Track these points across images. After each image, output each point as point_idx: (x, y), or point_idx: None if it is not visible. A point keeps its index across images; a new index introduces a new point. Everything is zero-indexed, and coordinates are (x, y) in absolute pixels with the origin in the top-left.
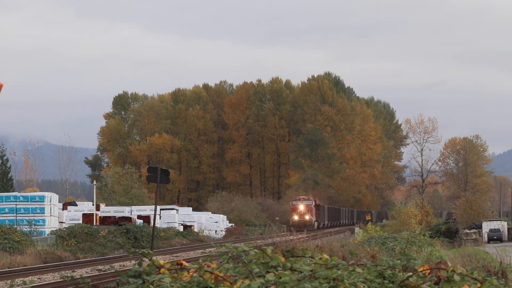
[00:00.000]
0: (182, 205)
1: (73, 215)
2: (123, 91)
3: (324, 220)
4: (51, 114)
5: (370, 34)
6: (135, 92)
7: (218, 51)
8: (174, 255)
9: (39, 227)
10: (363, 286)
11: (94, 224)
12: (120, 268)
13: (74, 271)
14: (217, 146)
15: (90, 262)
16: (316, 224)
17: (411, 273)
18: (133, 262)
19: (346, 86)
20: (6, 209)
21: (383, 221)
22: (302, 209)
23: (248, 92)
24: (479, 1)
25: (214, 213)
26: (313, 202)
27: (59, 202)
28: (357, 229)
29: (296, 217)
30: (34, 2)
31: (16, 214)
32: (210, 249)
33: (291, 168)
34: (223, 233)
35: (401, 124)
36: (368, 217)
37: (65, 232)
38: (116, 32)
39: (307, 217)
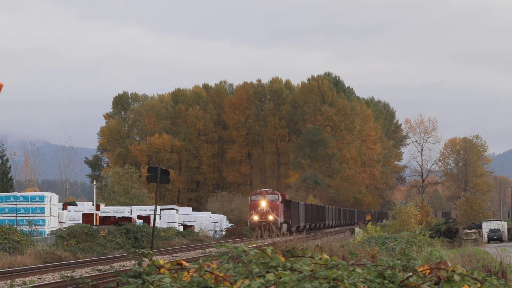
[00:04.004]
0: (182, 205)
1: (73, 215)
2: (123, 91)
3: (299, 221)
4: (51, 114)
5: (371, 35)
6: (135, 92)
7: (219, 51)
8: (174, 255)
9: (39, 227)
10: (363, 286)
11: (94, 224)
12: (120, 268)
13: (74, 271)
14: (217, 146)
15: (90, 262)
16: (284, 226)
17: (411, 273)
18: (133, 262)
19: (346, 86)
20: (6, 209)
21: (383, 221)
22: (264, 207)
23: (248, 92)
24: (479, 1)
25: (214, 213)
26: (280, 197)
27: (59, 202)
28: (357, 229)
29: (255, 217)
30: (35, 3)
31: (16, 214)
32: (210, 249)
33: (291, 168)
34: (223, 233)
35: (401, 124)
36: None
37: (65, 232)
38: (116, 33)
39: (270, 217)
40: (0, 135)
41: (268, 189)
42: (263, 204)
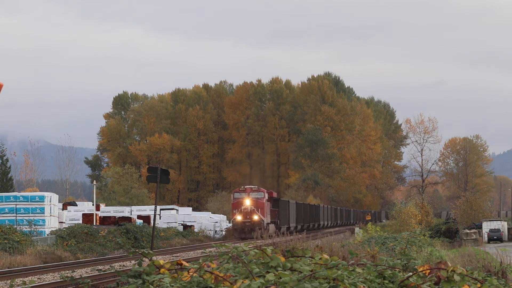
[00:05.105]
0: (182, 205)
1: (73, 215)
2: (123, 91)
3: (289, 221)
4: (51, 114)
5: (371, 35)
6: (135, 92)
7: (219, 51)
8: (174, 255)
9: (39, 227)
10: (363, 286)
11: (94, 224)
12: (120, 268)
13: (74, 271)
14: (217, 146)
15: (90, 262)
16: (272, 227)
17: (411, 273)
18: (133, 262)
19: (346, 86)
20: (6, 209)
21: (383, 221)
22: (248, 205)
23: (248, 92)
24: (479, 1)
25: (214, 213)
26: (266, 195)
27: (59, 202)
28: (357, 229)
29: (239, 217)
30: (35, 3)
31: (16, 214)
32: (210, 249)
33: (291, 168)
34: (223, 233)
35: (401, 124)
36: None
37: (65, 232)
38: (116, 33)
39: (255, 217)
40: (0, 135)
41: (253, 186)
42: (247, 202)
